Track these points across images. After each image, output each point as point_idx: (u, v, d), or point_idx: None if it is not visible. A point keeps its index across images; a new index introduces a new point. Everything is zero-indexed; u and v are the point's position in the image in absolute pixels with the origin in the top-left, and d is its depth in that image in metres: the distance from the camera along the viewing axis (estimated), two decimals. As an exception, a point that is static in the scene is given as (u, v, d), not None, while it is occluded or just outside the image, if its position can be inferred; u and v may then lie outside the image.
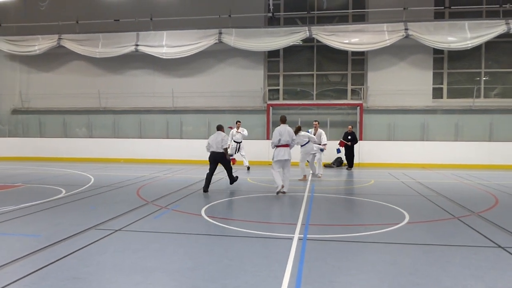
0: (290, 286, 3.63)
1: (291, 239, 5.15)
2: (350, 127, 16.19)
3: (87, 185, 10.18)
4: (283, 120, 9.50)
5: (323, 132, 12.81)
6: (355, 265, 4.23)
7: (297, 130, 11.16)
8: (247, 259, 4.38)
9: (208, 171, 9.52)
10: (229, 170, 9.80)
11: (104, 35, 18.54)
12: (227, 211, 7.23)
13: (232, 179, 9.87)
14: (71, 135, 19.96)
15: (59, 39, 18.81)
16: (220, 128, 10.04)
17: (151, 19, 18.23)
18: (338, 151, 15.52)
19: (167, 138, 19.01)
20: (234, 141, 14.42)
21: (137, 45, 18.14)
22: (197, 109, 18.85)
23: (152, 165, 16.74)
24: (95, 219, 6.19)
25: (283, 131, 9.18)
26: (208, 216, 6.51)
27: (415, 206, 7.62)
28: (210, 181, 9.40)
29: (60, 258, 4.33)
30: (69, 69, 19.98)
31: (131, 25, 18.40)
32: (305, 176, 11.88)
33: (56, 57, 19.80)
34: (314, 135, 12.62)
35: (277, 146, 9.20)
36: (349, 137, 15.77)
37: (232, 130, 14.58)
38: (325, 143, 12.66)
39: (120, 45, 18.34)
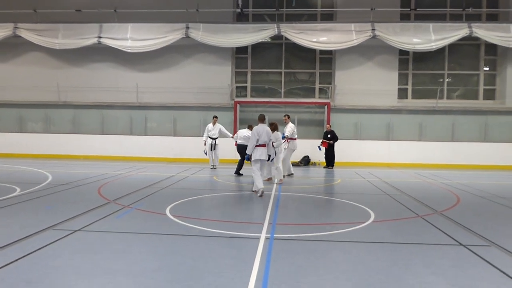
0: (256, 287, 3.61)
1: (258, 238, 5.15)
2: (328, 126, 16.48)
3: (44, 183, 9.80)
4: (262, 119, 9.39)
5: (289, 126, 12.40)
6: (322, 265, 4.27)
7: (274, 128, 10.59)
8: (213, 259, 4.33)
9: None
10: (241, 161, 12.33)
11: (64, 25, 17.88)
12: (192, 210, 7.14)
13: (238, 170, 12.25)
14: (27, 130, 19.16)
15: (15, 28, 17.97)
16: (249, 127, 12.25)
17: (115, 10, 17.74)
18: (320, 148, 15.85)
19: (131, 134, 18.60)
20: (209, 137, 14.22)
21: (99, 37, 17.62)
22: (162, 105, 18.55)
23: (115, 162, 16.34)
24: (52, 219, 5.95)
25: (261, 130, 9.06)
26: (172, 215, 6.41)
27: (381, 205, 7.81)
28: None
29: (12, 262, 4.12)
30: (25, 60, 19.15)
31: (94, 16, 17.84)
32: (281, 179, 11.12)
33: (12, 47, 18.93)
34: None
35: (256, 146, 9.06)
36: (329, 136, 15.99)
37: (208, 126, 14.42)
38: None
39: (82, 36, 17.75)
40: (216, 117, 14.69)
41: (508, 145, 17.07)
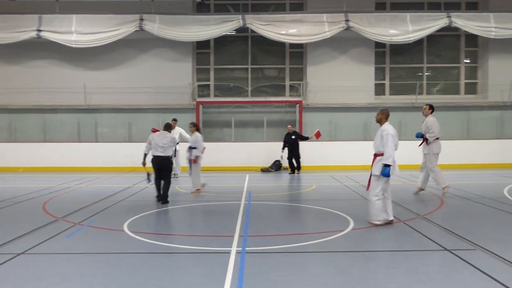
0: (229, 306, 3.65)
1: (228, 253, 5.18)
2: (289, 126, 16.34)
3: (-22, 200, 9.46)
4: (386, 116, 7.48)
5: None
6: (299, 278, 4.35)
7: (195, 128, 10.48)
8: (179, 278, 4.33)
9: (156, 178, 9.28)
10: (167, 184, 9.18)
11: (-4, 17, 17.35)
12: (153, 225, 7.09)
13: (165, 198, 9.06)
14: (-45, 140, 18.43)
15: None
16: (167, 127, 9.84)
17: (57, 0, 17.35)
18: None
19: (79, 141, 18.19)
20: None
21: (39, 30, 17.16)
22: (114, 108, 18.25)
23: (61, 174, 15.93)
24: (-10, 241, 5.78)
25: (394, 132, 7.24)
26: (131, 232, 6.34)
27: (360, 211, 7.99)
28: (160, 188, 9.15)
29: None
30: (-49, 58, 18.44)
31: (32, 5, 17.34)
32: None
33: None
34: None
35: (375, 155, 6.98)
36: (293, 137, 15.91)
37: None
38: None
39: (18, 29, 17.23)
40: (175, 120, 14.59)
41: (492, 142, 17.75)
